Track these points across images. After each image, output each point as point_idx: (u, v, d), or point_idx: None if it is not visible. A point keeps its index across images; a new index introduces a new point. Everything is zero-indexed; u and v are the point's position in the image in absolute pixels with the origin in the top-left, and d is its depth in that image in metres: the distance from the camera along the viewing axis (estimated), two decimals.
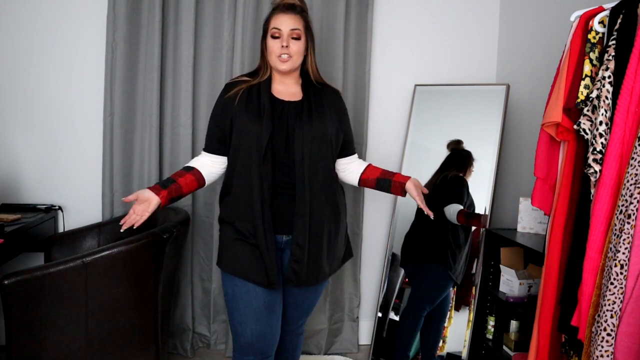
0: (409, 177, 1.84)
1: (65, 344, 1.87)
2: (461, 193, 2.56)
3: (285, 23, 1.70)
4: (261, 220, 1.65)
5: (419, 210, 2.64)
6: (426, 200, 1.84)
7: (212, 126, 1.79)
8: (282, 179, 1.68)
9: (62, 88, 2.62)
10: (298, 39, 1.71)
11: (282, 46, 1.69)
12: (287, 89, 1.78)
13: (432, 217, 1.80)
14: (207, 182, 1.81)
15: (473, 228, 2.54)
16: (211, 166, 1.80)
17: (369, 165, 1.93)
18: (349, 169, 1.92)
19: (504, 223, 2.68)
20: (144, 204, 1.63)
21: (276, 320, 1.73)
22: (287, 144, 1.68)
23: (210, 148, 1.79)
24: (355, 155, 1.95)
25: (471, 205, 2.56)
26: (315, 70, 1.81)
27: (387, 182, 1.86)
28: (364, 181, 1.91)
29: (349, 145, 1.89)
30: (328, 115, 1.76)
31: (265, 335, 1.70)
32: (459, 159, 2.63)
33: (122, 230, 1.61)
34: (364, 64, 2.74)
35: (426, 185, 2.63)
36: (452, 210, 2.52)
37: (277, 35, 1.70)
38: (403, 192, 1.84)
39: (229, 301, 1.73)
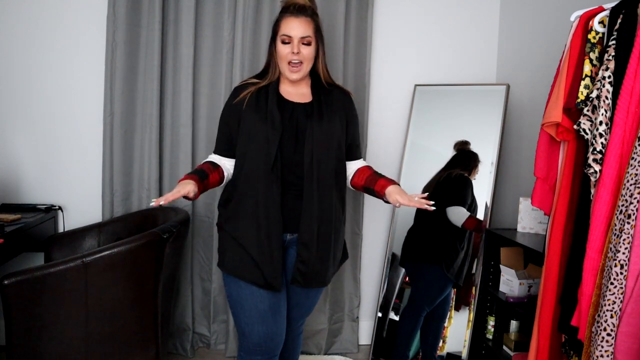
0: (390, 184, 1.70)
1: (65, 344, 1.87)
2: (466, 194, 2.55)
3: (296, 29, 1.65)
4: (268, 220, 1.63)
5: (419, 210, 2.64)
6: (428, 197, 1.71)
7: (223, 130, 1.77)
8: (290, 179, 1.67)
9: (62, 88, 2.62)
10: (309, 44, 1.68)
11: (293, 52, 1.66)
12: (296, 90, 1.76)
13: (430, 208, 1.59)
14: (221, 184, 1.79)
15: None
16: (230, 168, 1.78)
17: (357, 171, 1.83)
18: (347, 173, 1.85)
19: (504, 223, 2.68)
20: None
21: (282, 321, 1.73)
22: (297, 145, 1.67)
23: (223, 151, 1.77)
24: (360, 161, 1.87)
25: (475, 207, 2.55)
26: (325, 72, 1.78)
27: (372, 191, 1.76)
28: (355, 187, 1.84)
29: (355, 149, 1.84)
30: (337, 116, 1.74)
31: (272, 336, 1.69)
32: (465, 159, 2.62)
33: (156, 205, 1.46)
34: (364, 64, 2.74)
35: (429, 183, 2.63)
36: (460, 214, 2.50)
37: (287, 41, 1.67)
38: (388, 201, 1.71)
39: (232, 302, 1.72)
